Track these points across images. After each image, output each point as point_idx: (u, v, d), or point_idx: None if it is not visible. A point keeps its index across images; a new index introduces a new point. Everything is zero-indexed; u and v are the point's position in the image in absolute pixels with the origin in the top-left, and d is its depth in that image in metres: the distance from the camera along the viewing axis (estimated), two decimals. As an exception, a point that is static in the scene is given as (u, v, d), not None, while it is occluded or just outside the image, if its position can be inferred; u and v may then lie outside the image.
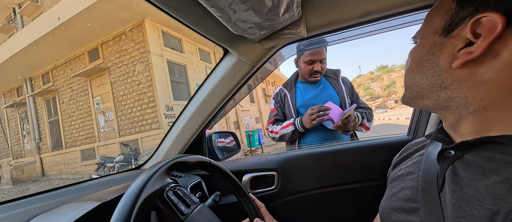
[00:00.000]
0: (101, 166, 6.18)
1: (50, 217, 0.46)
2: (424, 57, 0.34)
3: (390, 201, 0.41)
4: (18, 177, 8.79)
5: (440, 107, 0.34)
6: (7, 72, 8.85)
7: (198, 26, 0.48)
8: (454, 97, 0.32)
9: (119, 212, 0.31)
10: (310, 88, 1.22)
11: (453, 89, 0.31)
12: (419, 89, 0.35)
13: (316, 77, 1.17)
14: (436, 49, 0.32)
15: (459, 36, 0.30)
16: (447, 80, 0.31)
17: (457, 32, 0.30)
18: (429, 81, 0.34)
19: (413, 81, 0.36)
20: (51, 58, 8.13)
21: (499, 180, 0.27)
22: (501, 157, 0.28)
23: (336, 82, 1.21)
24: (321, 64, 1.15)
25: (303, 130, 1.10)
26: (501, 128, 0.29)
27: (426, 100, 0.35)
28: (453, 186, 0.31)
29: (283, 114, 1.25)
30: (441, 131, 0.38)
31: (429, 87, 0.34)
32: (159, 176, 0.39)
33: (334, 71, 1.25)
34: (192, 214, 0.41)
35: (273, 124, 1.27)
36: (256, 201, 0.61)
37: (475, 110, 0.30)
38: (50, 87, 8.71)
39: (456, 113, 0.33)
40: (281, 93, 1.27)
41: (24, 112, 10.24)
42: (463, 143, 0.32)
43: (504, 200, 0.25)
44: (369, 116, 1.17)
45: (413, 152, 0.46)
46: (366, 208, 0.58)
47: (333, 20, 0.53)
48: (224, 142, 1.04)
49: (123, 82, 7.26)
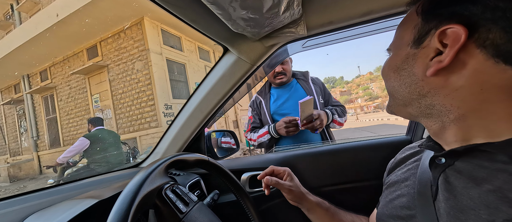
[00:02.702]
0: (99, 164, 6.15)
1: (47, 214, 0.45)
2: (400, 66, 0.36)
3: (387, 208, 0.42)
4: (15, 175, 8.75)
5: (423, 114, 0.35)
6: (4, 69, 8.78)
7: (197, 23, 0.48)
8: (434, 104, 0.33)
9: (117, 210, 0.31)
10: (281, 92, 1.25)
11: (431, 96, 0.33)
12: (401, 96, 0.37)
13: (281, 78, 1.20)
14: (410, 59, 0.34)
15: (429, 47, 0.32)
16: (424, 88, 0.33)
17: (426, 43, 0.32)
18: (408, 89, 0.35)
19: (394, 89, 0.38)
20: (49, 55, 8.07)
21: (491, 189, 0.27)
22: (489, 164, 0.28)
23: (306, 83, 1.25)
24: (282, 66, 1.18)
25: (278, 136, 1.14)
26: (484, 135, 0.30)
27: (409, 107, 0.36)
28: (447, 194, 0.31)
29: (260, 121, 1.28)
30: (430, 138, 0.38)
31: (408, 94, 0.35)
32: (158, 174, 0.39)
33: (303, 73, 1.30)
34: (191, 212, 0.41)
35: (251, 132, 1.29)
36: (279, 169, 0.63)
37: (455, 117, 0.31)
38: (48, 85, 8.65)
39: (439, 121, 0.33)
40: (257, 100, 1.30)
41: (22, 109, 10.18)
42: (452, 151, 0.32)
43: (498, 210, 0.26)
44: (340, 112, 1.20)
45: (408, 157, 0.46)
46: (364, 207, 0.58)
47: (334, 19, 0.53)
48: (223, 141, 1.04)
49: (121, 80, 7.23)
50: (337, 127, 1.22)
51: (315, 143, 1.13)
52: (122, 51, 7.16)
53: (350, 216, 0.58)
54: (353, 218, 0.57)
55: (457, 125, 0.31)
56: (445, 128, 0.33)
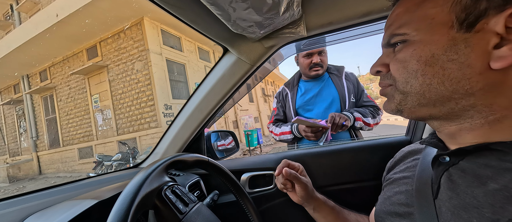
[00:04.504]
0: (98, 164, 6.15)
1: (47, 215, 0.45)
2: (442, 56, 0.27)
3: (385, 205, 0.41)
4: (14, 175, 8.73)
5: (448, 116, 0.30)
6: (4, 69, 8.77)
7: (197, 24, 0.48)
8: (477, 104, 0.27)
9: (116, 210, 0.31)
10: (311, 86, 1.17)
11: (480, 95, 0.27)
12: (434, 96, 0.29)
13: (317, 70, 1.10)
14: (460, 46, 0.26)
15: (486, 31, 0.25)
16: (478, 84, 0.26)
17: (482, 25, 0.25)
18: (453, 87, 0.28)
19: (427, 88, 0.29)
20: (49, 55, 8.06)
21: (497, 188, 0.26)
22: (497, 163, 0.27)
23: (339, 79, 1.15)
24: (320, 57, 1.09)
25: (301, 136, 1.08)
26: (500, 135, 0.28)
27: (437, 108, 0.30)
28: (450, 193, 0.30)
29: (284, 114, 1.23)
30: (434, 136, 0.37)
31: (450, 93, 0.28)
32: (157, 174, 0.39)
33: (337, 68, 1.20)
34: (190, 212, 0.41)
35: (273, 124, 1.25)
36: (294, 163, 0.58)
37: (495, 119, 0.27)
38: (47, 85, 8.64)
39: (466, 122, 0.29)
40: (283, 92, 1.24)
41: (21, 109, 10.16)
42: (460, 150, 0.30)
43: (503, 209, 0.25)
44: (369, 113, 1.09)
45: (407, 155, 0.46)
46: (365, 207, 0.58)
47: (333, 20, 0.53)
48: (223, 141, 1.04)
49: (121, 80, 7.22)
50: (365, 128, 1.07)
51: (315, 144, 1.12)
52: (122, 51, 7.16)
53: (354, 215, 0.57)
54: (357, 217, 0.56)
55: (493, 127, 0.28)
56: (470, 129, 0.29)
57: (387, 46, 0.35)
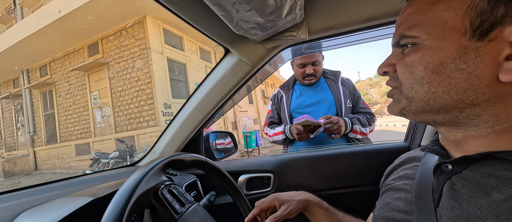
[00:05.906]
0: (95, 161, 6.12)
1: (41, 211, 0.45)
2: (450, 65, 0.26)
3: (383, 211, 0.41)
4: (10, 170, 8.66)
5: (454, 123, 0.30)
6: (4, 63, 8.75)
7: (200, 24, 0.48)
8: (483, 114, 0.27)
9: (112, 208, 0.30)
10: (306, 90, 1.19)
11: (486, 106, 0.26)
12: (439, 104, 0.28)
13: (310, 80, 1.14)
14: (470, 55, 0.25)
15: (501, 40, 0.24)
16: (484, 95, 0.25)
17: (496, 34, 0.24)
18: (458, 96, 0.27)
19: (431, 96, 0.28)
20: (50, 50, 8.06)
21: (501, 199, 0.25)
22: (501, 173, 0.26)
23: (335, 84, 1.17)
24: (314, 67, 1.12)
25: (293, 138, 1.08)
26: (506, 145, 0.27)
27: (441, 115, 0.30)
28: (452, 202, 0.30)
29: (278, 116, 1.24)
30: (436, 143, 0.36)
31: (455, 102, 0.27)
32: (154, 173, 0.39)
33: (334, 73, 1.22)
34: (187, 213, 0.41)
35: (268, 127, 1.27)
36: (265, 202, 0.55)
37: (502, 129, 0.26)
38: (47, 80, 8.62)
39: (472, 130, 0.28)
40: (278, 95, 1.25)
41: (20, 104, 10.12)
42: (464, 158, 0.29)
43: (508, 220, 0.24)
44: (364, 121, 1.10)
45: (407, 162, 0.45)
46: (362, 213, 0.58)
47: (335, 24, 0.53)
48: (222, 142, 1.04)
49: (121, 78, 7.22)
50: (359, 137, 1.07)
51: (314, 147, 1.12)
52: (123, 49, 7.17)
53: (349, 218, 0.56)
54: (352, 220, 0.56)
55: (500, 136, 0.27)
56: (477, 137, 0.28)
57: (396, 46, 0.34)
